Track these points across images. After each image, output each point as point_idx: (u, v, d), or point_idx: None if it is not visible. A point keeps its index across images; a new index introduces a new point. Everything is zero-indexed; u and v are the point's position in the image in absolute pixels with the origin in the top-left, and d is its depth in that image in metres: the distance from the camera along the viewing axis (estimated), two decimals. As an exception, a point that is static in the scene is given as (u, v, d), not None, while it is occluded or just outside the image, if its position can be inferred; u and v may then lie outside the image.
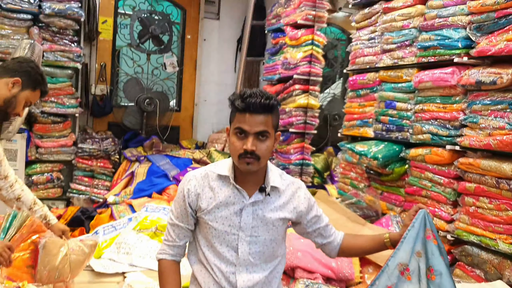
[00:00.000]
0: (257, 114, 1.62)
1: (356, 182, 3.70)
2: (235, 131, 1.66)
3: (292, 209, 1.79)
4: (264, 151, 1.66)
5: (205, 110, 6.34)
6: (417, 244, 1.70)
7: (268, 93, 1.67)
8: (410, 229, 1.71)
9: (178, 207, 1.78)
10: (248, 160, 1.65)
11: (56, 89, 4.82)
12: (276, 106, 1.67)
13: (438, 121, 2.94)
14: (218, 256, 1.75)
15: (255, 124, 1.62)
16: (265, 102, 1.62)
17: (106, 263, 3.21)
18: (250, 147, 1.63)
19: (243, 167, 1.68)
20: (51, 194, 4.95)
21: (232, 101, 1.65)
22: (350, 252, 1.93)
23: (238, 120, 1.65)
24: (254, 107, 1.61)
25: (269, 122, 1.66)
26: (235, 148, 1.67)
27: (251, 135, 1.63)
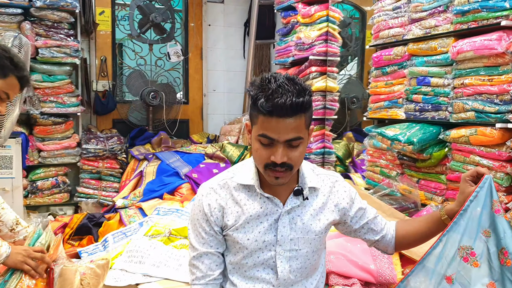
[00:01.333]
0: (288, 118, 1.26)
1: (387, 170, 3.32)
2: (259, 138, 1.31)
3: (333, 208, 1.48)
4: (297, 158, 1.33)
5: (214, 101, 6.02)
6: (484, 220, 1.35)
7: (299, 82, 1.28)
8: (472, 199, 1.35)
9: (200, 230, 1.44)
10: (278, 173, 1.31)
11: (55, 87, 4.55)
12: (311, 101, 1.30)
13: (483, 96, 2.55)
14: (252, 280, 1.43)
15: (285, 130, 1.27)
16: (298, 100, 1.24)
17: (117, 275, 2.93)
18: (280, 159, 1.28)
19: (272, 181, 1.34)
20: (58, 199, 4.69)
21: (254, 98, 1.28)
22: (408, 241, 1.57)
23: (262, 125, 1.29)
24: (283, 109, 1.24)
25: (302, 124, 1.30)
26: (260, 157, 1.32)
27: (281, 144, 1.28)
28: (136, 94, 5.26)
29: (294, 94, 1.24)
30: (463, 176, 1.47)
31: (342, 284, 2.39)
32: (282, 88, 1.24)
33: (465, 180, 1.45)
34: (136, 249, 3.06)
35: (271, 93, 1.24)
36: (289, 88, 1.25)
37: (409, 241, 1.58)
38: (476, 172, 1.44)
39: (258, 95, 1.27)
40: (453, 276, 1.35)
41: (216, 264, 1.45)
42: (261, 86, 1.28)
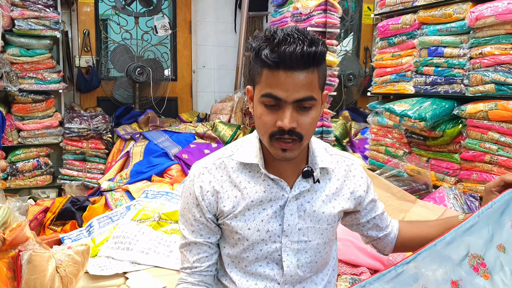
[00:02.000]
0: (298, 71, 1.03)
1: (393, 149, 3.10)
2: (263, 99, 1.07)
3: (349, 195, 1.25)
4: (309, 126, 1.09)
5: (204, 78, 5.73)
6: (498, 233, 1.17)
7: (310, 33, 1.05)
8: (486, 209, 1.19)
9: (190, 216, 1.22)
10: (285, 144, 1.07)
11: (34, 62, 4.25)
12: (325, 54, 1.07)
13: (505, 67, 2.32)
14: (253, 277, 1.21)
15: (294, 87, 1.03)
16: (309, 50, 1.01)
17: (103, 263, 2.75)
18: (289, 123, 1.05)
19: (278, 154, 1.10)
20: (40, 182, 4.45)
21: (257, 50, 1.05)
22: (413, 245, 1.36)
23: (267, 81, 1.05)
24: (292, 59, 1.01)
25: (315, 82, 1.06)
26: (264, 125, 1.08)
27: (289, 105, 1.05)
28: (122, 70, 4.96)
29: (305, 43, 1.02)
30: (488, 186, 1.27)
31: (350, 273, 2.19)
32: (291, 37, 1.02)
33: (490, 191, 1.25)
34: (123, 235, 2.88)
35: (277, 42, 1.02)
36: (299, 36, 1.02)
37: (414, 245, 1.36)
38: (503, 182, 1.24)
39: (262, 46, 1.05)
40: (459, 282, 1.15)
41: (206, 255, 1.24)
42: (265, 37, 1.06)
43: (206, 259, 1.24)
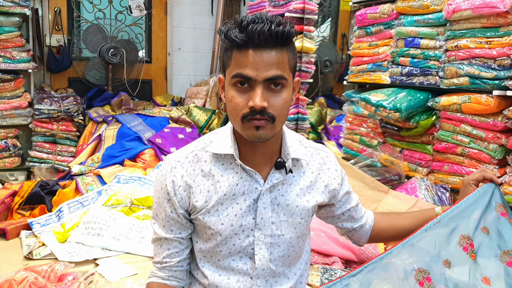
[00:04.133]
0: (267, 50, 1.03)
1: (367, 139, 3.12)
2: (233, 80, 1.06)
3: (323, 189, 1.24)
4: (281, 107, 1.08)
5: (179, 60, 5.64)
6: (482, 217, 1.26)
7: (279, 17, 1.05)
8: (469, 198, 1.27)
9: (161, 211, 1.20)
10: (258, 122, 1.06)
11: (2, 40, 4.09)
12: (293, 35, 1.07)
13: (479, 60, 2.34)
14: (226, 271, 1.19)
15: (264, 65, 1.03)
16: (277, 29, 1.02)
17: (73, 249, 2.71)
18: (260, 102, 1.03)
19: (251, 135, 1.08)
20: (8, 164, 4.32)
21: (225, 32, 1.05)
22: (388, 235, 1.40)
23: (236, 62, 1.04)
24: (260, 37, 1.01)
25: (285, 61, 1.06)
26: (235, 107, 1.07)
27: (260, 84, 1.04)
28: (94, 50, 4.82)
29: (273, 23, 1.03)
30: (466, 179, 1.35)
31: (322, 263, 2.21)
32: (259, 19, 1.03)
33: (468, 184, 1.33)
34: (94, 220, 2.84)
35: (246, 23, 1.03)
36: (267, 18, 1.04)
37: (389, 236, 1.41)
38: (482, 177, 1.32)
39: (231, 27, 1.05)
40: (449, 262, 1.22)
41: (177, 251, 1.22)
42: (234, 21, 1.07)
43: (177, 255, 1.22)
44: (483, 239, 1.25)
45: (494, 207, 1.28)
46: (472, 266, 1.22)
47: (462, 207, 1.27)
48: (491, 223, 1.27)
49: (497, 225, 1.27)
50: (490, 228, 1.27)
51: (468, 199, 1.27)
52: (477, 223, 1.26)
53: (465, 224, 1.26)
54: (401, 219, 1.39)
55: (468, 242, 1.24)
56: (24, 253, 2.58)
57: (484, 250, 1.25)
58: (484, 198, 1.28)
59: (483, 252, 1.24)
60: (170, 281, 1.23)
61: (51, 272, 2.08)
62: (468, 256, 1.23)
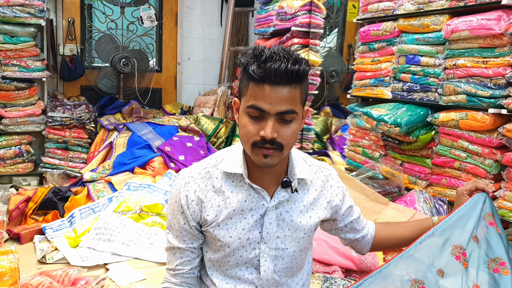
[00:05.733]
0: (281, 86, 1.12)
1: (369, 151, 3.22)
2: (248, 110, 1.16)
3: (325, 205, 1.35)
4: (289, 137, 1.18)
5: (189, 70, 5.77)
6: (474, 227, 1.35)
7: (295, 53, 1.14)
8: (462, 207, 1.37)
9: (175, 222, 1.30)
10: (267, 151, 1.16)
11: (18, 50, 4.22)
12: (307, 73, 1.16)
13: (476, 79, 2.43)
14: (233, 279, 1.30)
15: (277, 100, 1.12)
16: (293, 68, 1.11)
17: (84, 254, 2.81)
18: (271, 133, 1.13)
19: (260, 161, 1.19)
20: (21, 169, 4.44)
21: (245, 65, 1.14)
22: (388, 244, 1.50)
23: (253, 94, 1.14)
24: (277, 75, 1.10)
25: (297, 97, 1.16)
26: (247, 134, 1.17)
27: (272, 117, 1.14)
28: (106, 60, 4.97)
29: (290, 61, 1.12)
30: (460, 189, 1.44)
31: (323, 272, 2.30)
32: (277, 55, 1.12)
33: (462, 194, 1.42)
34: (104, 226, 2.94)
35: (264, 59, 1.12)
36: (284, 55, 1.13)
37: (390, 244, 1.51)
38: (475, 187, 1.41)
39: (250, 61, 1.15)
40: (442, 270, 1.31)
41: (189, 259, 1.33)
42: (253, 54, 1.15)
43: (189, 263, 1.32)
44: (473, 247, 1.33)
45: (483, 217, 1.36)
46: (464, 274, 1.31)
47: (454, 218, 1.35)
48: (480, 232, 1.35)
49: (485, 234, 1.35)
50: (480, 237, 1.35)
51: (459, 210, 1.36)
52: (470, 232, 1.34)
53: (458, 234, 1.34)
54: (400, 229, 1.48)
55: (460, 251, 1.33)
56: (38, 257, 2.69)
57: (475, 258, 1.32)
58: (476, 207, 1.36)
59: (474, 260, 1.32)
60: (183, 287, 1.33)
61: (65, 276, 2.19)
62: (460, 264, 1.32)
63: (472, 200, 1.38)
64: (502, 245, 1.35)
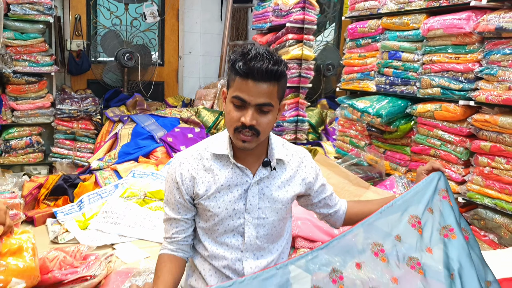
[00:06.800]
0: (261, 82, 1.35)
1: (356, 140, 3.46)
2: (232, 99, 1.39)
3: (300, 182, 1.57)
4: (266, 125, 1.41)
5: (190, 63, 5.98)
6: (430, 200, 1.53)
7: (277, 55, 1.38)
8: (420, 184, 1.55)
9: (171, 197, 1.54)
10: (245, 137, 1.40)
11: (28, 46, 4.43)
12: (285, 73, 1.39)
13: (449, 74, 2.66)
14: (222, 245, 1.53)
15: (257, 94, 1.35)
16: (273, 68, 1.34)
17: (93, 235, 3.02)
18: (250, 121, 1.37)
19: (239, 144, 1.43)
20: (32, 159, 4.67)
21: (233, 61, 1.37)
22: (357, 219, 1.68)
23: (237, 86, 1.37)
24: (258, 73, 1.33)
25: (274, 92, 1.39)
26: (231, 119, 1.41)
27: (252, 107, 1.37)
28: (111, 54, 5.19)
29: (270, 62, 1.34)
30: (419, 169, 1.64)
31: (308, 247, 2.55)
32: (261, 56, 1.34)
33: (421, 173, 1.61)
34: (111, 210, 3.16)
35: (250, 58, 1.34)
36: (267, 56, 1.35)
37: (360, 219, 1.69)
38: (431, 167, 1.60)
39: (238, 59, 1.37)
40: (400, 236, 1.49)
41: (183, 229, 1.55)
42: (242, 52, 1.38)
43: (183, 232, 1.56)
44: (428, 217, 1.52)
45: (438, 191, 1.56)
46: (419, 239, 1.51)
47: (412, 193, 1.55)
48: (435, 205, 1.54)
49: (439, 206, 1.54)
50: (434, 208, 1.54)
51: (417, 186, 1.55)
52: (425, 204, 1.54)
53: (414, 206, 1.53)
54: (369, 205, 1.70)
55: (416, 220, 1.54)
56: (51, 238, 2.92)
57: (429, 226, 1.51)
58: (431, 184, 1.55)
59: (428, 228, 1.51)
60: (178, 253, 1.56)
61: (77, 252, 2.43)
62: (416, 231, 1.53)
63: (428, 178, 1.58)
64: (452, 215, 1.57)
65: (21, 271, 1.80)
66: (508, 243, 2.39)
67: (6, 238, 1.80)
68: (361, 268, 1.44)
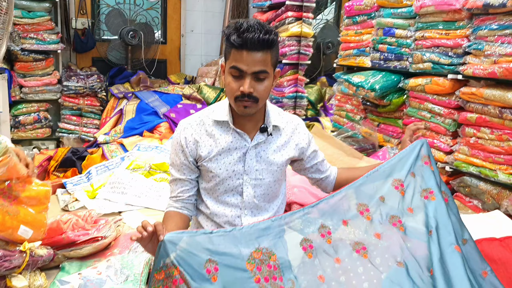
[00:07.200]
0: (255, 52, 1.48)
1: (352, 114, 3.60)
2: (230, 70, 1.53)
3: (294, 146, 1.72)
4: (263, 92, 1.55)
5: (192, 41, 6.08)
6: (412, 165, 1.67)
7: (268, 25, 1.51)
8: (404, 151, 1.69)
9: (176, 159, 1.69)
10: (246, 103, 1.54)
11: (35, 24, 4.56)
12: (276, 41, 1.52)
13: (440, 49, 2.79)
14: (222, 202, 1.69)
15: (252, 63, 1.49)
16: (264, 37, 1.47)
17: (102, 203, 3.17)
18: (248, 89, 1.51)
19: (241, 111, 1.57)
20: (40, 134, 4.84)
21: (227, 35, 1.50)
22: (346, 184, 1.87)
23: (234, 58, 1.51)
24: (251, 43, 1.46)
25: (268, 60, 1.52)
26: (231, 90, 1.55)
27: (249, 76, 1.51)
28: (115, 33, 5.29)
29: (262, 32, 1.47)
30: (404, 138, 1.78)
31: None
32: (252, 27, 1.47)
33: (405, 141, 1.77)
34: (118, 181, 3.31)
35: (243, 30, 1.47)
36: (258, 27, 1.48)
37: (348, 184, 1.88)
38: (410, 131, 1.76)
39: (232, 32, 1.50)
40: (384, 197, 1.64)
41: (187, 188, 1.70)
42: (235, 26, 1.51)
43: (187, 191, 1.71)
44: (410, 181, 1.67)
45: (421, 158, 1.71)
46: (401, 200, 1.65)
47: (396, 159, 1.70)
48: (417, 169, 1.68)
49: (421, 170, 1.69)
50: (416, 173, 1.68)
51: (401, 153, 1.70)
52: (408, 169, 1.68)
53: (398, 171, 1.67)
54: (357, 172, 1.84)
55: (399, 183, 1.67)
56: (61, 206, 3.09)
57: (410, 188, 1.66)
58: (414, 151, 1.70)
59: (410, 190, 1.65)
60: (183, 211, 1.71)
61: (88, 216, 2.60)
62: (398, 193, 1.66)
63: (412, 145, 1.73)
64: (433, 179, 1.71)
65: (31, 221, 1.87)
66: (490, 208, 2.56)
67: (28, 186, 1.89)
68: (347, 225, 1.58)
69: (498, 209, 2.49)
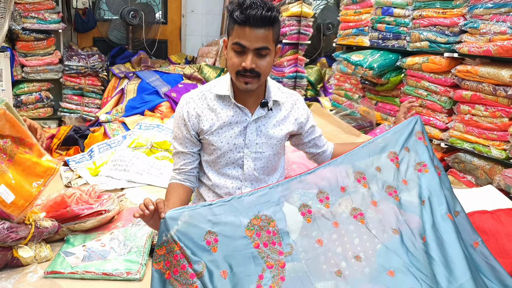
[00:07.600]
0: (258, 28, 1.53)
1: (350, 93, 3.65)
2: (233, 46, 1.58)
3: (293, 121, 1.78)
4: (264, 68, 1.60)
5: (193, 22, 6.07)
6: (406, 140, 1.73)
7: (270, 3, 1.55)
8: (398, 126, 1.75)
9: (179, 132, 1.75)
10: (247, 79, 1.60)
11: (36, 3, 4.56)
12: (278, 18, 1.57)
13: (437, 28, 2.83)
14: (223, 174, 1.75)
15: (255, 39, 1.54)
16: (266, 14, 1.51)
17: (104, 180, 3.23)
18: (250, 64, 1.56)
19: (242, 86, 1.62)
20: (42, 113, 4.88)
21: (231, 11, 1.55)
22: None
23: (236, 34, 1.55)
24: (254, 20, 1.51)
25: (270, 37, 1.57)
26: (233, 65, 1.60)
27: (251, 51, 1.56)
28: (116, 12, 5.29)
29: (264, 9, 1.51)
30: (398, 115, 1.85)
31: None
32: (255, 4, 1.52)
33: (400, 117, 1.84)
34: (120, 159, 3.38)
35: (246, 7, 1.51)
36: (261, 4, 1.52)
37: None
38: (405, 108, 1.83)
39: (235, 9, 1.54)
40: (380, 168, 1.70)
41: (190, 161, 1.76)
42: (238, 3, 1.55)
43: (190, 164, 1.78)
44: (404, 154, 1.73)
45: (415, 133, 1.77)
46: (396, 172, 1.71)
47: (391, 133, 1.75)
48: (411, 144, 1.74)
49: (415, 145, 1.75)
50: (410, 148, 1.74)
51: (396, 128, 1.76)
52: (402, 144, 1.74)
53: (393, 144, 1.73)
54: (353, 147, 1.90)
55: (394, 156, 1.73)
56: (64, 183, 3.15)
57: (405, 162, 1.72)
58: (408, 126, 1.76)
59: (404, 163, 1.72)
60: (185, 182, 1.78)
61: (92, 191, 2.67)
62: (393, 165, 1.72)
63: (406, 121, 1.78)
64: (426, 153, 1.77)
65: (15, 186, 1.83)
66: (483, 183, 2.63)
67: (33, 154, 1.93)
68: (345, 192, 1.64)
69: (490, 184, 2.56)
